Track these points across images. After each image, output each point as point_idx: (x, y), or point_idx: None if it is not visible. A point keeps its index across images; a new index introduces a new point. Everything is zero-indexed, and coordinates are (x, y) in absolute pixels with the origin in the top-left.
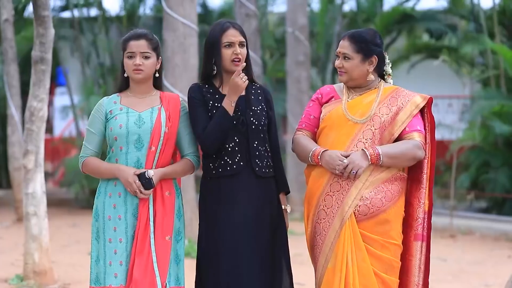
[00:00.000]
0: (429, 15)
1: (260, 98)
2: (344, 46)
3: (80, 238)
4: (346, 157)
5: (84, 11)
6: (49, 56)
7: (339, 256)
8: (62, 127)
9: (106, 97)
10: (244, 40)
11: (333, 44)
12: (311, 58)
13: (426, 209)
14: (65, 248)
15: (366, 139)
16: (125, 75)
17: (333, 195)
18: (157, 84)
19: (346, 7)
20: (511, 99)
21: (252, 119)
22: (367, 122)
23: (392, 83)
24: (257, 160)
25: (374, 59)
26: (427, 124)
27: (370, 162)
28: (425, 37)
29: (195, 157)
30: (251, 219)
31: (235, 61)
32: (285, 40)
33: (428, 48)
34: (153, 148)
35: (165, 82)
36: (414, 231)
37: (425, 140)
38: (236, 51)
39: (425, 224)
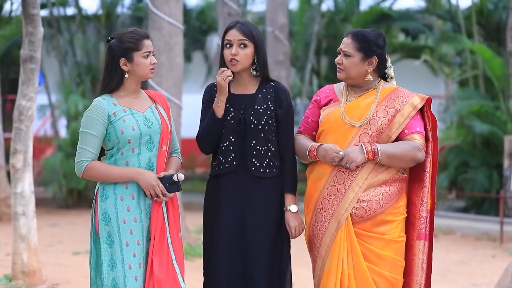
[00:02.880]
0: (407, 15)
1: (268, 97)
2: (346, 43)
3: (63, 238)
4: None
5: (62, 9)
6: (38, 55)
7: (334, 258)
8: (37, 126)
9: (100, 98)
10: (246, 39)
11: (312, 44)
12: (289, 58)
13: (429, 208)
14: (49, 248)
15: (363, 143)
16: (126, 75)
17: (330, 198)
18: None
19: (324, 7)
20: (489, 98)
21: (251, 118)
22: (363, 126)
23: (395, 84)
24: (254, 160)
25: (374, 60)
26: (428, 123)
27: (366, 158)
28: (401, 37)
29: (180, 154)
30: (247, 218)
31: (231, 62)
32: (265, 39)
33: (405, 48)
34: (164, 148)
35: (150, 81)
36: (417, 230)
37: (428, 139)
38: (232, 51)
39: (427, 223)
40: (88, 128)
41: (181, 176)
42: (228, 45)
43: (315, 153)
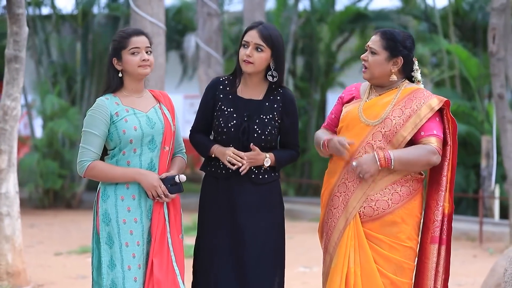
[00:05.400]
0: (382, 15)
1: (275, 106)
2: (374, 40)
3: (42, 239)
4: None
5: (37, 9)
6: (23, 54)
7: (340, 256)
8: None
9: (103, 97)
10: (263, 44)
11: (289, 44)
12: None
13: (446, 212)
14: (30, 249)
15: (375, 141)
16: (120, 74)
17: (340, 196)
18: None
19: (301, 7)
20: (466, 99)
21: (256, 127)
22: (378, 125)
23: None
24: (252, 167)
25: (400, 60)
26: (447, 126)
27: (380, 167)
28: None
29: (185, 154)
30: (244, 224)
31: (244, 61)
32: None
33: None
34: (167, 148)
35: None
36: (431, 234)
37: (447, 142)
38: (247, 52)
39: (444, 227)
40: (90, 127)
41: (183, 178)
42: (245, 45)
43: (326, 146)
